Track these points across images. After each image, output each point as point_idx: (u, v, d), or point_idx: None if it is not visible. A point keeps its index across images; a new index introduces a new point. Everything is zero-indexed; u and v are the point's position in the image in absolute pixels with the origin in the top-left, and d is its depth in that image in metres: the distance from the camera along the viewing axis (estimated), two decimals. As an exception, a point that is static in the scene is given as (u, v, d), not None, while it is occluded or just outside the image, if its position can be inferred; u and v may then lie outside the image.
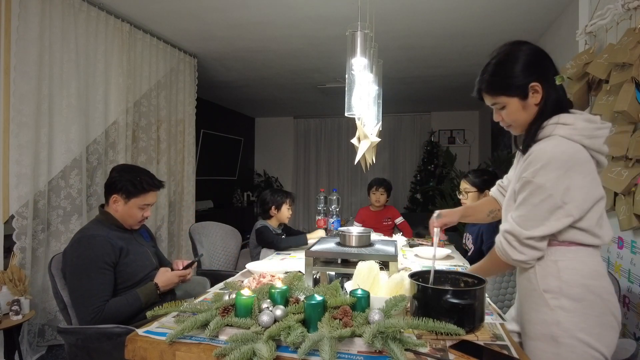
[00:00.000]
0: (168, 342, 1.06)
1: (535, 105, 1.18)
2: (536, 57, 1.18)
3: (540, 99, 1.17)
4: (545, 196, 1.10)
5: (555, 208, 1.09)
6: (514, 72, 1.17)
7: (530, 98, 1.17)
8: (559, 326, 1.12)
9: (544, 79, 1.16)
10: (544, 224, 1.11)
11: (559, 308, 1.12)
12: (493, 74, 1.20)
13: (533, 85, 1.16)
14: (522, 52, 1.18)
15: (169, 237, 3.94)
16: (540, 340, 1.15)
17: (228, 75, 5.00)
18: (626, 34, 1.91)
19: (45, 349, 2.75)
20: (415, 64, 4.52)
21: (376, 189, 3.61)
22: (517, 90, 1.17)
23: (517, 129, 1.24)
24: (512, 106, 1.19)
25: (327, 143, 7.81)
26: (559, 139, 1.12)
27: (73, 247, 1.65)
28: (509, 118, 1.22)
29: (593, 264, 1.14)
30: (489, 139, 6.39)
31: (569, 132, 1.11)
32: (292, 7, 3.07)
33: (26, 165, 2.52)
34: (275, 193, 2.90)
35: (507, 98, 1.19)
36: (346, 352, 1.01)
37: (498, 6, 3.03)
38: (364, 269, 1.32)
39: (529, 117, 1.19)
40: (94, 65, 3.03)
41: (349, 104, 1.94)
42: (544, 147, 1.12)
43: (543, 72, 1.17)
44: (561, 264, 1.14)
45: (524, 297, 1.23)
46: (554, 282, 1.14)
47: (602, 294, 1.12)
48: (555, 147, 1.11)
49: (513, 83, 1.17)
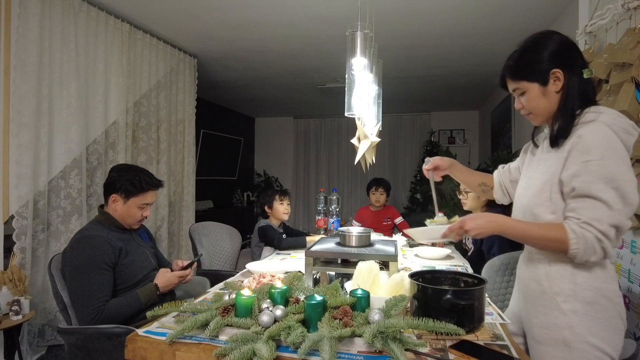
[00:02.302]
0: (168, 342, 1.06)
1: (556, 93, 1.16)
2: (563, 47, 1.16)
3: (562, 87, 1.15)
4: (615, 185, 1.04)
5: (626, 196, 1.05)
6: (537, 58, 1.16)
7: (550, 85, 1.16)
8: (572, 331, 1.10)
9: (567, 68, 1.14)
10: (621, 214, 1.04)
11: (572, 312, 1.10)
12: (517, 60, 1.20)
13: (554, 71, 1.14)
14: (550, 40, 1.17)
15: (169, 237, 3.94)
16: (550, 345, 1.13)
17: (228, 75, 5.00)
18: (626, 34, 1.90)
19: (45, 349, 2.75)
20: (415, 64, 4.52)
21: (376, 189, 3.62)
22: (538, 76, 1.16)
23: (537, 118, 1.22)
24: (533, 92, 1.18)
25: (327, 143, 7.80)
26: (605, 127, 1.08)
27: (72, 248, 1.65)
28: (529, 105, 1.20)
29: (604, 267, 1.13)
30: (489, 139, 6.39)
31: (611, 121, 1.09)
32: (292, 7, 3.07)
33: (26, 165, 2.52)
34: (265, 193, 2.98)
35: (527, 83, 1.18)
36: (346, 352, 1.00)
37: (498, 6, 3.03)
38: (364, 269, 1.32)
39: (549, 105, 1.17)
40: (94, 65, 3.02)
41: (349, 104, 1.94)
42: (595, 132, 1.08)
43: (568, 61, 1.15)
44: (575, 267, 1.12)
45: (531, 299, 1.21)
46: (567, 285, 1.12)
47: (613, 297, 1.11)
48: (607, 129, 1.07)
49: (535, 68, 1.16)
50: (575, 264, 1.11)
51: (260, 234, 2.73)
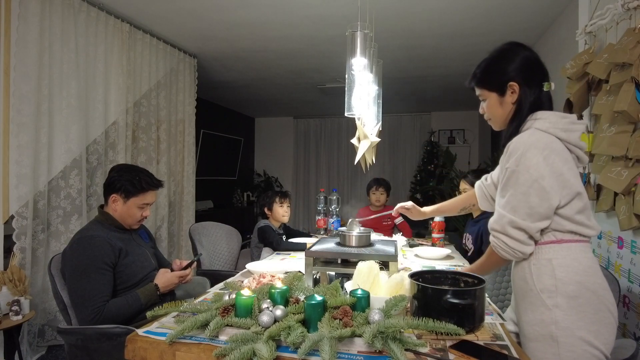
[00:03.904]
0: (168, 342, 1.06)
1: (512, 104, 1.26)
2: (527, 62, 1.24)
3: (517, 98, 1.24)
4: (531, 181, 1.13)
5: (544, 193, 1.12)
6: (498, 70, 1.26)
7: (507, 96, 1.25)
8: (557, 325, 1.12)
9: (525, 82, 1.23)
10: (536, 211, 1.14)
11: (556, 307, 1.12)
12: (483, 69, 1.30)
13: (511, 84, 1.24)
14: (514, 54, 1.25)
15: (169, 237, 3.94)
16: (539, 341, 1.15)
17: (228, 75, 5.00)
18: (626, 34, 1.90)
19: (45, 349, 2.75)
20: (415, 64, 4.52)
21: (376, 189, 3.62)
22: (496, 86, 1.27)
23: (495, 124, 1.34)
24: (491, 100, 1.29)
25: (327, 143, 7.80)
26: (534, 130, 1.19)
27: (72, 248, 1.65)
28: (488, 111, 1.32)
29: (586, 260, 1.15)
30: (488, 139, 6.39)
31: (544, 125, 1.18)
32: (292, 7, 3.07)
33: (26, 165, 2.52)
34: (265, 194, 2.97)
35: (487, 92, 1.30)
36: (346, 352, 1.01)
37: (498, 6, 3.03)
38: (364, 269, 1.32)
39: (504, 114, 1.28)
40: (94, 65, 3.02)
41: (348, 104, 1.94)
42: (521, 138, 1.19)
43: (527, 76, 1.23)
44: (555, 262, 1.15)
45: (520, 298, 1.23)
46: (549, 281, 1.14)
47: (597, 290, 1.13)
48: (530, 135, 1.17)
49: (495, 79, 1.27)
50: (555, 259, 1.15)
51: (260, 235, 2.72)
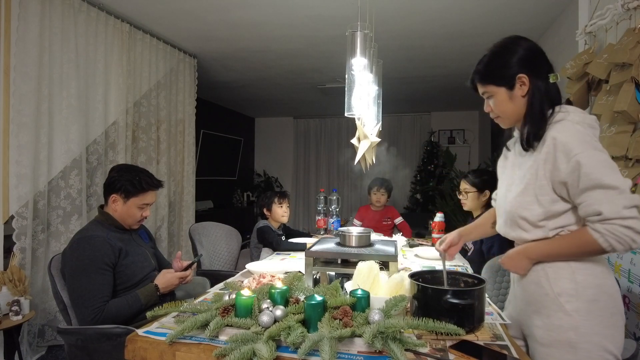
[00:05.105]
0: (168, 343, 1.06)
1: (522, 97, 1.19)
2: (531, 53, 1.19)
3: (527, 91, 1.18)
4: (612, 168, 1.06)
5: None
6: (504, 63, 1.20)
7: (517, 89, 1.19)
8: (577, 331, 1.09)
9: (533, 73, 1.17)
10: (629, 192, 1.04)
11: (576, 312, 1.09)
12: (486, 65, 1.24)
13: (520, 76, 1.17)
14: (518, 46, 1.20)
15: (169, 237, 3.94)
16: (554, 347, 1.12)
17: (228, 75, 4.99)
18: (626, 34, 1.90)
19: (45, 349, 2.74)
20: (415, 64, 4.52)
21: (377, 189, 3.61)
22: (504, 80, 1.20)
23: (505, 121, 1.26)
24: (500, 96, 1.22)
25: (327, 143, 7.80)
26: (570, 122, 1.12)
27: (72, 248, 1.65)
28: (497, 108, 1.24)
29: (601, 262, 1.13)
30: (488, 139, 6.39)
31: (579, 119, 1.12)
32: (292, 7, 3.07)
33: (26, 165, 2.52)
34: (264, 195, 2.95)
35: (495, 87, 1.22)
36: (346, 352, 1.00)
37: (498, 6, 3.03)
38: (364, 269, 1.32)
39: (516, 109, 1.21)
40: (94, 65, 3.02)
41: (348, 104, 1.94)
42: (563, 127, 1.11)
43: (534, 67, 1.18)
44: (574, 265, 1.12)
45: (531, 302, 1.20)
46: (569, 285, 1.11)
47: (613, 293, 1.11)
48: (573, 125, 1.10)
49: (502, 73, 1.20)
50: (574, 262, 1.11)
51: (259, 236, 2.72)
